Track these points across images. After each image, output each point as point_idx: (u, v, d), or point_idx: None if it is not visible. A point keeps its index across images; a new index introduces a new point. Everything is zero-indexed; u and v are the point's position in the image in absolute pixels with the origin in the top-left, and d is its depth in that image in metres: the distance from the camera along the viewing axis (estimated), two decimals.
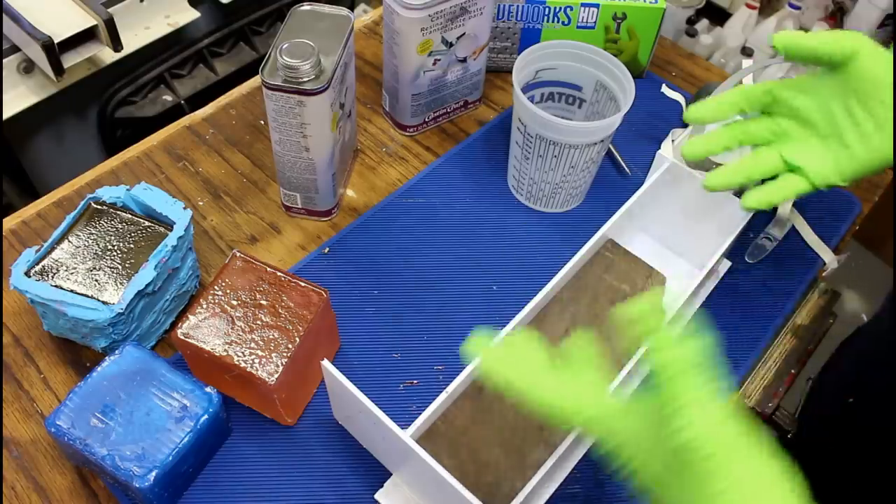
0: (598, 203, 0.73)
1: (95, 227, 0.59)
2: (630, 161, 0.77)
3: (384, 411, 0.47)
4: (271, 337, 0.52)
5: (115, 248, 0.58)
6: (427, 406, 0.50)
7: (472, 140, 0.78)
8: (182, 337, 0.52)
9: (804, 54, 0.50)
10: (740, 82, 0.81)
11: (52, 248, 0.58)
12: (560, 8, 0.77)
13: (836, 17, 1.60)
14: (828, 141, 0.51)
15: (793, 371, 0.64)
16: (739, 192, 0.71)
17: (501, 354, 0.44)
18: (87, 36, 0.98)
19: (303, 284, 0.55)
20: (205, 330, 0.52)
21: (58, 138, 1.10)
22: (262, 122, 0.78)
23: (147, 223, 0.60)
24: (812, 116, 0.52)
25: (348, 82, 0.65)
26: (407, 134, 0.78)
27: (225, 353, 0.51)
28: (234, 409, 0.57)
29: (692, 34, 1.68)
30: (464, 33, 0.70)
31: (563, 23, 0.78)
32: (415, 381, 0.60)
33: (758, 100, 0.53)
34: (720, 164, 0.66)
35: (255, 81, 0.83)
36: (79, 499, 0.53)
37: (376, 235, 0.69)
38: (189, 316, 0.53)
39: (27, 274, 0.56)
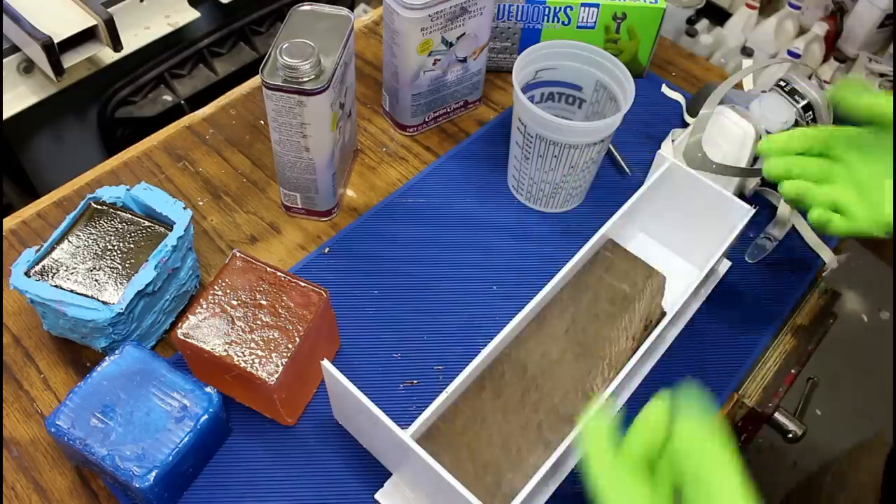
0: (598, 203, 0.73)
1: (95, 227, 0.59)
2: (630, 161, 0.77)
3: (384, 411, 0.47)
4: (271, 337, 0.52)
5: (115, 248, 0.58)
6: (427, 406, 0.50)
7: (472, 140, 0.78)
8: (182, 337, 0.52)
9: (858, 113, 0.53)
10: (740, 82, 0.81)
11: (52, 248, 0.58)
12: (560, 8, 0.77)
13: (836, 17, 1.60)
14: (865, 194, 0.54)
15: (793, 371, 0.64)
16: (741, 195, 0.71)
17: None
18: (87, 36, 0.98)
19: (303, 284, 0.55)
20: (205, 330, 0.52)
21: (58, 138, 1.10)
22: (262, 122, 0.78)
23: (147, 223, 0.60)
24: (859, 173, 0.55)
25: (348, 82, 0.65)
26: (407, 134, 0.78)
27: (225, 353, 0.51)
28: (234, 409, 0.57)
29: (692, 34, 1.68)
30: (464, 33, 0.70)
31: (563, 23, 0.78)
32: (415, 381, 0.60)
33: (821, 143, 0.56)
34: (719, 165, 0.66)
35: (255, 81, 0.83)
36: (79, 499, 0.53)
37: (376, 235, 0.69)
38: (189, 316, 0.53)
39: (27, 274, 0.56)
